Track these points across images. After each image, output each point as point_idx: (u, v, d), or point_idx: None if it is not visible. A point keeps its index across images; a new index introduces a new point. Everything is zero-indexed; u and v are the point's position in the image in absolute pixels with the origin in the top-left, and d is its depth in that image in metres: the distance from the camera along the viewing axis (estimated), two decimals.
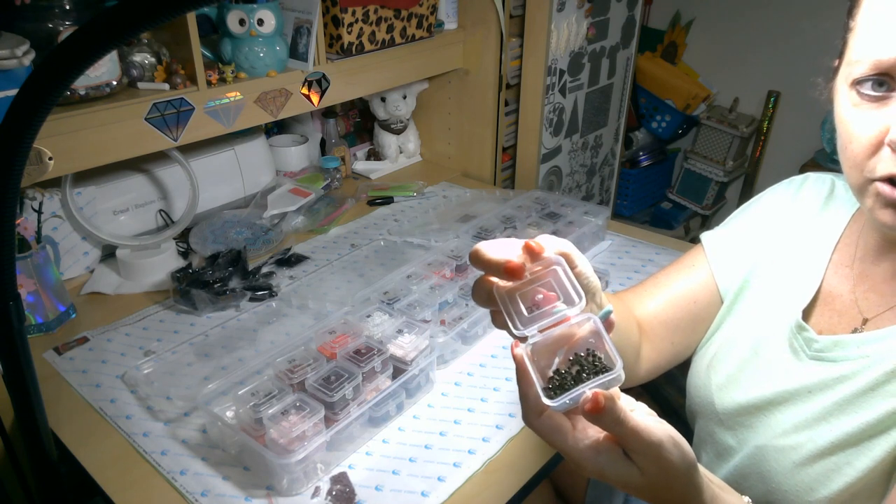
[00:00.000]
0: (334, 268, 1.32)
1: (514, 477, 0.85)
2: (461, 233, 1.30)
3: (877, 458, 0.64)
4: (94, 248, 1.29)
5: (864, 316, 0.71)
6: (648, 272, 1.26)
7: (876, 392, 0.65)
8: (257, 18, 1.22)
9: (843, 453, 0.67)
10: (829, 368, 0.69)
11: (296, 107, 1.34)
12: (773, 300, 0.78)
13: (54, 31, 1.03)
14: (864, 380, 0.66)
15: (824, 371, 0.70)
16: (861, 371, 0.67)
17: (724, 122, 2.51)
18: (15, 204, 0.59)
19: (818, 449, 0.68)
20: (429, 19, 1.52)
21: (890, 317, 0.69)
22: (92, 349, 1.08)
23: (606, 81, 1.94)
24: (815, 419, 0.69)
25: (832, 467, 0.67)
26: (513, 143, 1.80)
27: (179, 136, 1.18)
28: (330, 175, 1.65)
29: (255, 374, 0.91)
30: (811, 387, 0.70)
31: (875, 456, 0.65)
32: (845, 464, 0.66)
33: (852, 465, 0.66)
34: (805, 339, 0.72)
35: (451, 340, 1.04)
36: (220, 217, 1.42)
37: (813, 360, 0.71)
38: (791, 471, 0.70)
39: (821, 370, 0.70)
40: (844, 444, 0.67)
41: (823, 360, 0.70)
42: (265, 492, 0.82)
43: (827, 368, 0.70)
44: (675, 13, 2.63)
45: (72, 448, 0.89)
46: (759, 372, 0.76)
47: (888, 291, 0.70)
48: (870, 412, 0.65)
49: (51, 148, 1.01)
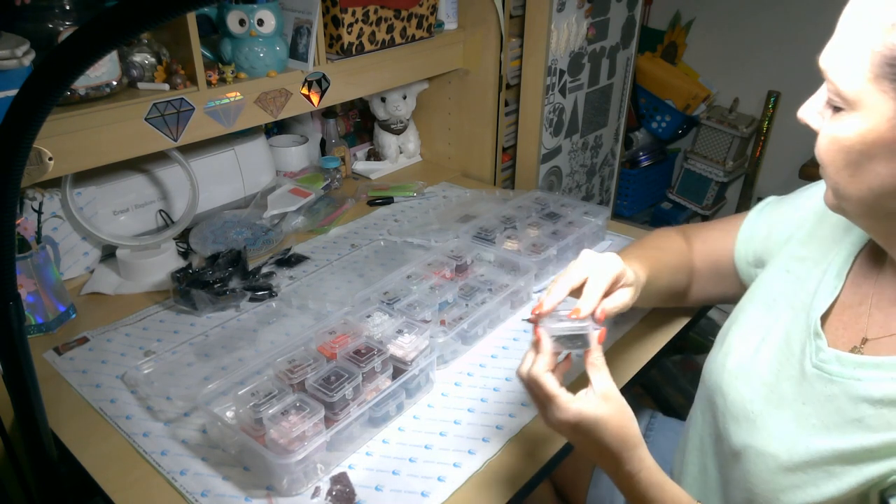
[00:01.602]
0: (334, 268, 1.32)
1: (514, 477, 0.85)
2: (461, 233, 1.30)
3: (842, 489, 0.64)
4: (94, 248, 1.29)
5: (865, 335, 0.70)
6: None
7: (855, 422, 0.65)
8: (257, 18, 1.22)
9: (812, 472, 0.66)
10: (825, 383, 0.69)
11: (296, 107, 1.34)
12: (800, 297, 0.77)
13: (54, 31, 1.03)
14: (849, 405, 0.66)
15: (820, 384, 0.69)
16: (848, 395, 0.66)
17: (724, 122, 2.51)
18: (15, 204, 0.59)
19: (792, 462, 0.68)
20: (429, 19, 1.52)
21: (889, 344, 0.68)
22: (92, 349, 1.08)
23: (606, 81, 1.94)
24: (796, 432, 0.69)
25: (798, 483, 0.67)
26: (513, 144, 1.80)
27: (179, 136, 1.18)
28: (330, 175, 1.65)
29: (255, 374, 0.91)
30: (805, 397, 0.70)
31: (841, 486, 0.64)
32: (811, 484, 0.66)
33: (818, 486, 0.66)
34: (816, 346, 0.71)
35: (451, 340, 1.04)
36: (220, 217, 1.42)
37: (815, 369, 0.70)
38: (765, 477, 0.71)
39: (818, 382, 0.69)
40: (814, 464, 0.66)
41: (822, 371, 0.69)
42: (265, 492, 0.82)
43: (823, 382, 0.69)
44: (675, 13, 2.63)
45: (72, 448, 0.89)
46: (770, 368, 0.76)
47: (891, 315, 0.69)
48: (844, 440, 0.65)
49: (51, 148, 1.01)
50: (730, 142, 2.51)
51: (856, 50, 0.58)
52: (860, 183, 0.61)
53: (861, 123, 0.59)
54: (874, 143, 0.58)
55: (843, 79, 0.59)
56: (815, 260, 0.79)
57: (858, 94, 0.58)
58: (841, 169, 0.62)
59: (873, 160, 0.59)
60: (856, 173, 0.61)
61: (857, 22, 0.58)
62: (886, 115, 0.57)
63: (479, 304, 1.09)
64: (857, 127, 0.59)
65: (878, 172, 0.59)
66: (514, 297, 1.17)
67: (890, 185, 0.59)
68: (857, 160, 0.60)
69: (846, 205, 0.65)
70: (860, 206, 0.63)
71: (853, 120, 0.59)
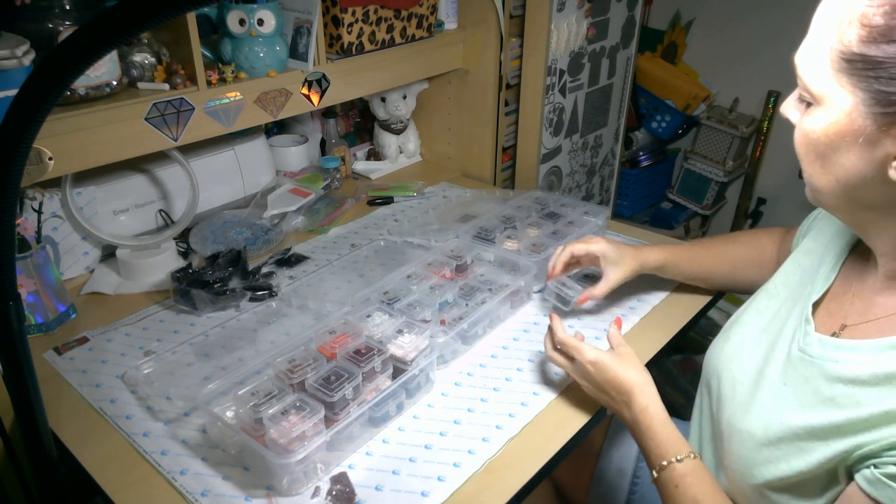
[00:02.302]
0: (334, 268, 1.32)
1: (514, 477, 0.85)
2: (461, 233, 1.30)
3: (811, 464, 0.67)
4: (94, 248, 1.29)
5: (844, 322, 0.73)
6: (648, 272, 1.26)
7: (829, 401, 0.67)
8: (257, 18, 1.22)
9: (784, 447, 0.70)
10: (806, 365, 0.72)
11: (296, 107, 1.34)
12: (801, 287, 0.82)
13: (54, 31, 1.03)
14: (825, 385, 0.68)
15: (802, 366, 0.72)
16: (825, 375, 0.69)
17: (724, 122, 2.50)
18: (15, 204, 0.59)
19: (766, 438, 0.72)
20: (429, 19, 1.52)
21: (865, 329, 0.71)
22: (92, 349, 1.08)
23: (606, 81, 1.94)
24: (774, 410, 0.73)
25: (772, 458, 0.71)
26: (513, 143, 1.80)
27: (179, 136, 1.18)
28: (330, 175, 1.65)
29: (255, 374, 0.91)
30: (786, 378, 0.74)
31: (810, 461, 0.67)
32: (783, 459, 0.70)
33: (789, 462, 0.69)
34: (805, 331, 0.75)
35: (451, 340, 1.04)
36: (220, 217, 1.42)
37: (799, 352, 0.73)
38: (743, 453, 0.74)
39: (800, 365, 0.73)
40: (787, 440, 0.69)
41: (805, 353, 0.73)
42: (265, 492, 0.82)
43: (805, 364, 0.72)
44: (675, 13, 2.63)
45: (72, 448, 0.89)
46: (763, 352, 0.79)
47: (869, 303, 0.72)
48: (816, 417, 0.67)
49: (51, 148, 1.01)
50: (730, 142, 2.51)
51: (820, 47, 0.61)
52: (829, 175, 0.64)
53: (825, 117, 0.62)
54: (836, 135, 0.62)
55: (809, 75, 0.63)
56: (819, 252, 0.83)
57: (822, 89, 0.62)
58: (812, 162, 0.66)
59: (837, 152, 0.63)
60: (825, 166, 0.64)
61: (822, 21, 0.62)
62: (845, 108, 0.60)
63: (479, 304, 1.09)
64: (822, 121, 0.63)
65: (842, 164, 0.63)
66: (514, 297, 1.17)
67: (855, 176, 0.62)
68: (824, 153, 0.64)
69: (821, 197, 0.68)
70: (833, 198, 0.67)
71: (819, 114, 0.63)
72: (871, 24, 0.57)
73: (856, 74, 0.59)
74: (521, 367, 1.04)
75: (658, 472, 0.79)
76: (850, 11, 0.59)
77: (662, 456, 0.79)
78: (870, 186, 0.62)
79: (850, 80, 0.59)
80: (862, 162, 0.61)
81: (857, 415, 0.64)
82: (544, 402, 0.96)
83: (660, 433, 0.81)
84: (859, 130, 0.60)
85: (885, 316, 0.70)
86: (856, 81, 0.59)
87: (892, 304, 0.70)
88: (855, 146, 0.61)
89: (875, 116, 0.59)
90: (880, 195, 0.63)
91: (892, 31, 0.56)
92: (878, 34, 0.56)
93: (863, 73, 0.58)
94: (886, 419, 0.62)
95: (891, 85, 0.57)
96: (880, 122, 0.58)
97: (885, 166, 0.60)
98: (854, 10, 0.58)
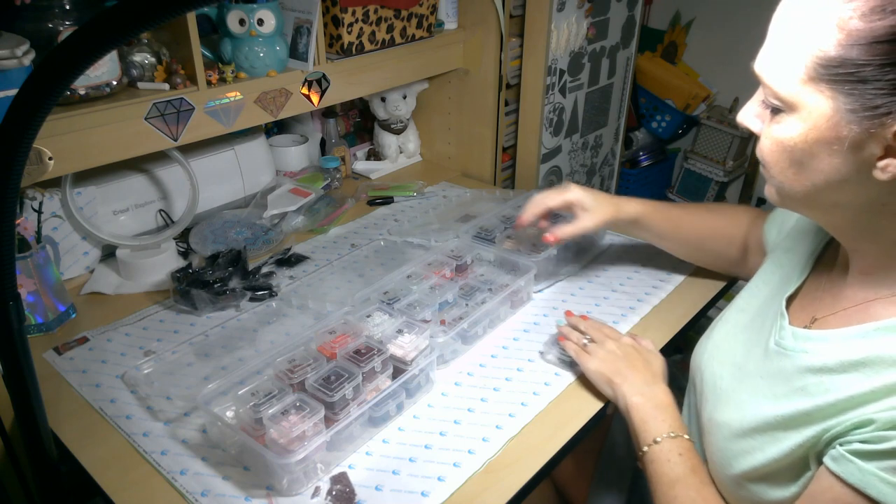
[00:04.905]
0: (334, 268, 1.32)
1: (514, 477, 0.85)
2: (461, 233, 1.30)
3: (784, 451, 0.68)
4: (94, 248, 1.29)
5: (814, 315, 0.75)
6: (649, 272, 1.26)
7: (799, 391, 0.69)
8: (257, 18, 1.22)
9: (759, 438, 0.71)
10: (781, 358, 0.73)
11: (296, 107, 1.34)
12: (779, 284, 0.84)
13: (54, 31, 1.03)
14: (796, 376, 0.70)
15: (777, 359, 0.74)
16: (796, 366, 0.71)
17: (724, 122, 2.50)
18: (15, 204, 0.59)
19: (742, 430, 0.73)
20: (429, 19, 1.52)
21: (832, 320, 0.72)
22: (92, 349, 1.08)
23: (606, 81, 1.94)
24: (749, 402, 0.74)
25: (748, 449, 0.72)
26: (513, 143, 1.80)
27: (179, 136, 1.18)
28: (330, 175, 1.65)
29: (255, 374, 0.91)
30: (763, 372, 0.75)
31: (783, 448, 0.68)
32: (758, 449, 0.71)
33: (763, 451, 0.70)
34: (780, 325, 0.76)
35: (451, 340, 1.04)
36: (220, 217, 1.42)
37: (775, 346, 0.75)
38: (721, 445, 0.76)
39: (776, 358, 0.74)
40: (761, 430, 0.71)
41: (780, 346, 0.74)
42: (265, 492, 0.82)
43: (780, 357, 0.73)
44: (675, 13, 2.63)
45: (72, 448, 0.89)
46: (744, 348, 0.82)
47: (838, 296, 0.74)
48: (788, 407, 0.69)
49: (51, 148, 1.01)
50: (730, 142, 2.51)
51: (789, 54, 0.60)
52: (805, 180, 0.64)
53: (802, 124, 0.61)
54: (816, 141, 0.61)
55: (779, 82, 0.62)
56: (796, 250, 0.85)
57: (796, 96, 0.61)
58: (786, 168, 0.65)
59: (815, 157, 0.62)
60: (800, 171, 0.64)
61: (789, 26, 0.61)
62: (825, 114, 0.59)
63: (479, 304, 1.09)
64: (799, 127, 0.62)
65: (820, 169, 0.63)
66: (514, 297, 1.17)
67: (832, 179, 0.62)
68: (801, 159, 0.63)
69: (789, 202, 0.69)
70: (804, 200, 0.67)
71: (793, 121, 0.62)
72: (848, 27, 0.56)
73: (836, 80, 0.57)
74: (522, 367, 1.04)
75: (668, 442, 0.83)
76: (823, 15, 0.57)
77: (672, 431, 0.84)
78: (848, 188, 0.62)
79: (830, 85, 0.58)
80: (844, 165, 0.61)
81: (826, 401, 0.65)
82: (544, 401, 0.96)
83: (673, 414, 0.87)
84: (843, 135, 0.59)
85: (853, 306, 0.71)
86: (836, 86, 0.58)
87: (860, 296, 0.71)
88: (836, 150, 0.60)
89: (859, 120, 0.58)
90: (860, 195, 0.63)
91: (873, 33, 0.55)
92: (858, 37, 0.55)
93: (843, 77, 0.57)
94: (852, 403, 0.63)
95: (874, 88, 0.56)
96: (865, 126, 0.57)
97: (868, 167, 0.60)
98: (828, 13, 0.57)
